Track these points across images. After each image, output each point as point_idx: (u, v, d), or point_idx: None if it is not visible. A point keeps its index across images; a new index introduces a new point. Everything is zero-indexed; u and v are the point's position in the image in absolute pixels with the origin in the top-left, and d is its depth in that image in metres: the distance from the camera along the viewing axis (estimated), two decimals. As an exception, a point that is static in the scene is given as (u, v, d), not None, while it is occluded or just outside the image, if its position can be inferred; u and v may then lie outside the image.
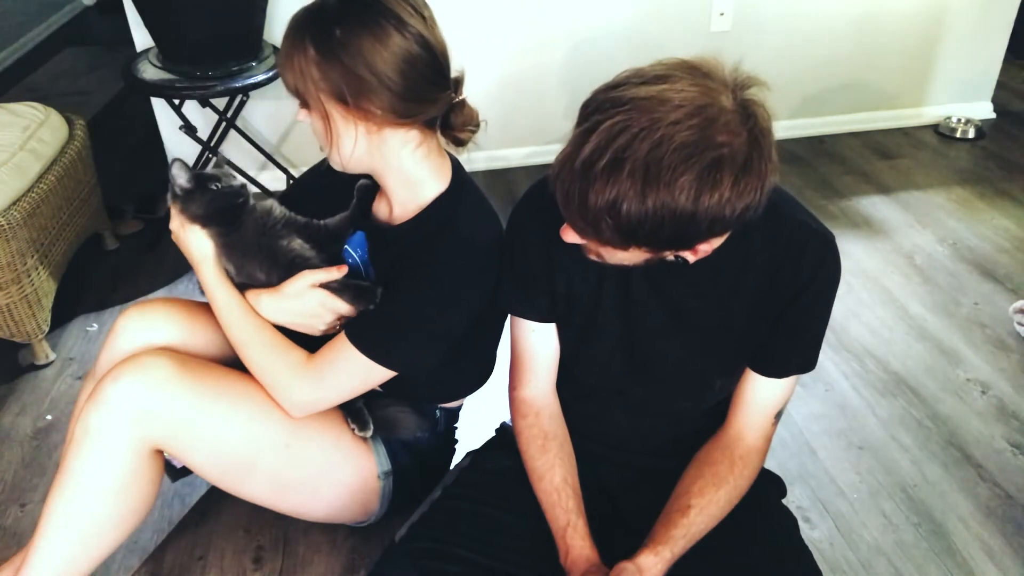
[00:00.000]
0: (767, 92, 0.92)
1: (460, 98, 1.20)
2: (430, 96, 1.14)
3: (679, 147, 0.85)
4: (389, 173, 1.21)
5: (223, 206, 1.24)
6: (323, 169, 1.40)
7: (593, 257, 1.03)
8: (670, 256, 0.98)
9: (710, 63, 0.92)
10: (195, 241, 1.25)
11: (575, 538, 1.11)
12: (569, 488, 1.15)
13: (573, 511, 1.13)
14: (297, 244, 1.27)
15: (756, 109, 0.90)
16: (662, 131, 0.86)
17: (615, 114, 0.88)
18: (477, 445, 1.37)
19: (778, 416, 1.16)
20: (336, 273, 1.22)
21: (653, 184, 0.86)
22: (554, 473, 1.16)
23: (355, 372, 1.21)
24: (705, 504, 1.09)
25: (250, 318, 1.25)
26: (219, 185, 1.23)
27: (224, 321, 1.26)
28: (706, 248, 0.96)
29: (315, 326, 1.25)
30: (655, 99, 0.87)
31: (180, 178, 1.23)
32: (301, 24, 1.10)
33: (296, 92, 1.13)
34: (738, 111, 0.89)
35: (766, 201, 0.92)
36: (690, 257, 0.98)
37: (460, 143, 1.23)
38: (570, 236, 0.99)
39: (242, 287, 1.27)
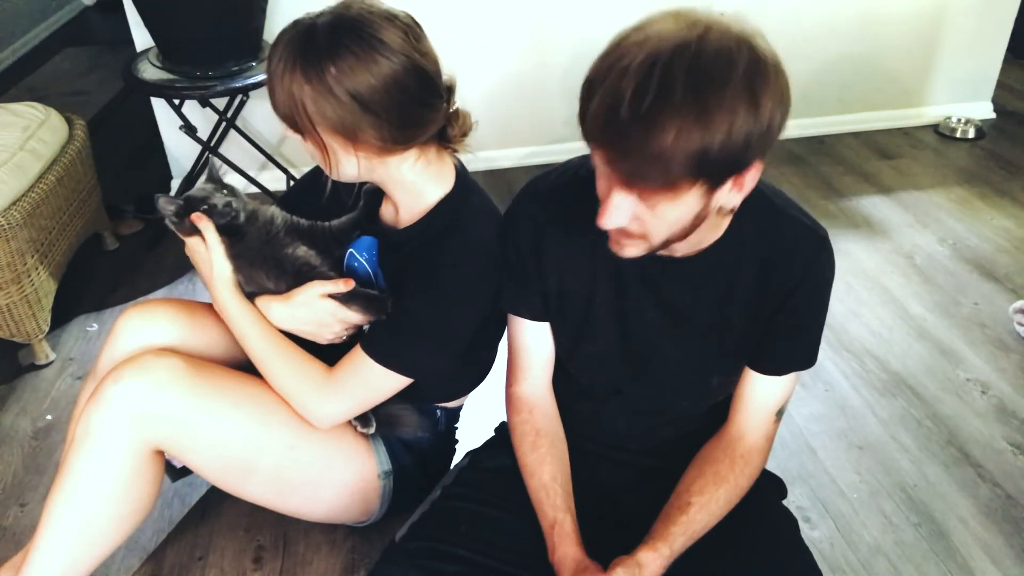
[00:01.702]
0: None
1: (454, 108, 1.19)
2: (426, 118, 1.14)
3: (714, 52, 0.84)
4: (391, 185, 1.22)
5: (216, 226, 1.24)
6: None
7: (627, 250, 0.99)
8: (721, 199, 0.93)
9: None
10: (214, 260, 1.25)
11: (560, 535, 1.10)
12: (558, 485, 1.15)
13: (560, 508, 1.13)
14: (303, 251, 1.27)
15: (754, 33, 0.90)
16: (693, 46, 0.84)
17: (638, 54, 0.85)
18: (477, 445, 1.37)
19: (779, 414, 1.16)
20: (343, 286, 1.23)
21: (709, 98, 0.83)
22: (543, 470, 1.16)
23: (372, 381, 1.22)
24: (705, 502, 1.09)
25: (267, 334, 1.25)
26: (206, 207, 1.24)
27: (241, 336, 1.26)
28: (754, 172, 0.92)
29: (323, 335, 1.26)
30: (667, 28, 0.86)
31: (167, 212, 1.24)
32: (293, 52, 1.07)
33: (287, 119, 1.11)
34: (739, 32, 0.88)
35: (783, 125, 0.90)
36: (736, 198, 0.94)
37: (455, 150, 1.24)
38: (612, 217, 0.93)
39: (251, 296, 1.27)
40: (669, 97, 0.83)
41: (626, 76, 0.85)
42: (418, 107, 1.12)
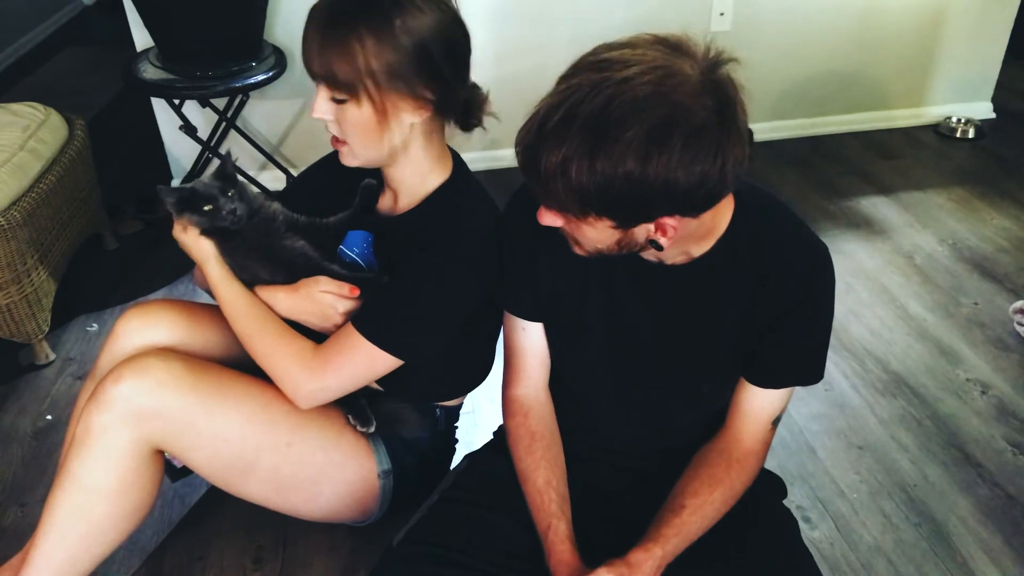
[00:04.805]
0: (768, 91, 0.92)
1: (471, 82, 1.22)
2: (466, 80, 1.18)
3: (629, 101, 0.85)
4: (405, 164, 1.22)
5: (212, 227, 1.25)
6: (326, 166, 1.40)
7: (576, 250, 1.03)
8: (641, 235, 0.96)
9: (684, 39, 0.92)
10: (196, 242, 1.26)
11: (555, 541, 1.10)
12: (552, 490, 1.14)
13: (554, 514, 1.12)
14: (300, 243, 1.28)
15: (724, 82, 0.89)
16: (613, 88, 0.86)
17: (574, 76, 0.90)
18: (477, 446, 1.37)
19: (776, 422, 1.16)
20: (348, 293, 1.23)
21: (601, 140, 0.86)
22: (537, 475, 1.16)
23: (361, 360, 1.21)
24: (699, 504, 1.09)
25: (256, 311, 1.25)
26: (211, 207, 1.23)
27: (230, 315, 1.26)
28: (673, 224, 0.93)
29: (326, 327, 1.26)
30: (614, 60, 0.88)
31: (168, 203, 1.24)
32: (352, 13, 1.08)
33: (345, 84, 1.10)
34: (703, 80, 0.87)
35: (733, 181, 0.91)
36: (662, 240, 0.96)
37: (471, 127, 1.25)
38: (544, 218, 0.99)
39: (247, 285, 1.27)
40: (566, 127, 0.87)
41: (555, 93, 0.90)
42: (464, 66, 1.17)
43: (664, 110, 0.85)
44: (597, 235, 0.97)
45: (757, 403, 1.13)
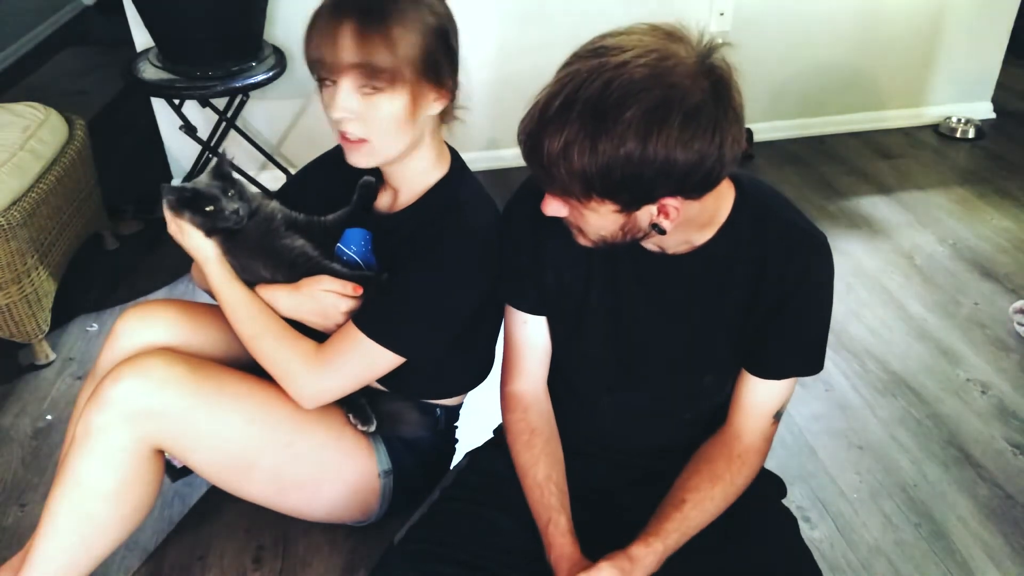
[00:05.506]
0: (768, 91, 0.92)
1: None
2: (457, 71, 1.20)
3: (627, 84, 0.87)
4: (411, 161, 1.22)
5: (214, 227, 1.25)
6: (324, 163, 1.40)
7: (581, 240, 1.04)
8: (644, 219, 0.97)
9: (678, 27, 0.94)
10: (196, 242, 1.25)
11: (555, 535, 1.10)
12: (552, 484, 1.15)
13: (554, 508, 1.12)
14: (300, 243, 1.28)
15: (720, 64, 0.91)
16: (611, 72, 0.88)
17: (573, 63, 0.92)
18: (476, 445, 1.37)
19: (778, 416, 1.16)
20: (352, 291, 1.23)
21: (601, 123, 0.87)
22: (537, 469, 1.16)
23: (363, 359, 1.21)
24: (700, 499, 1.09)
25: (258, 312, 1.25)
26: (213, 208, 1.23)
27: (231, 316, 1.26)
28: (675, 205, 0.95)
29: (327, 325, 1.26)
30: (611, 47, 0.90)
31: (168, 201, 1.24)
32: (389, 1, 1.10)
33: (384, 72, 1.08)
34: (698, 63, 0.90)
35: (731, 162, 0.92)
36: (664, 224, 0.97)
37: (448, 120, 1.26)
38: (548, 207, 1.00)
39: (248, 285, 1.27)
40: (567, 112, 0.89)
41: (556, 81, 0.92)
42: (457, 57, 1.18)
43: (661, 91, 0.87)
44: (601, 221, 0.98)
45: (758, 396, 1.14)
